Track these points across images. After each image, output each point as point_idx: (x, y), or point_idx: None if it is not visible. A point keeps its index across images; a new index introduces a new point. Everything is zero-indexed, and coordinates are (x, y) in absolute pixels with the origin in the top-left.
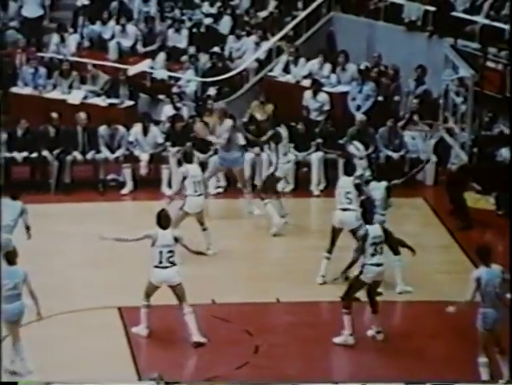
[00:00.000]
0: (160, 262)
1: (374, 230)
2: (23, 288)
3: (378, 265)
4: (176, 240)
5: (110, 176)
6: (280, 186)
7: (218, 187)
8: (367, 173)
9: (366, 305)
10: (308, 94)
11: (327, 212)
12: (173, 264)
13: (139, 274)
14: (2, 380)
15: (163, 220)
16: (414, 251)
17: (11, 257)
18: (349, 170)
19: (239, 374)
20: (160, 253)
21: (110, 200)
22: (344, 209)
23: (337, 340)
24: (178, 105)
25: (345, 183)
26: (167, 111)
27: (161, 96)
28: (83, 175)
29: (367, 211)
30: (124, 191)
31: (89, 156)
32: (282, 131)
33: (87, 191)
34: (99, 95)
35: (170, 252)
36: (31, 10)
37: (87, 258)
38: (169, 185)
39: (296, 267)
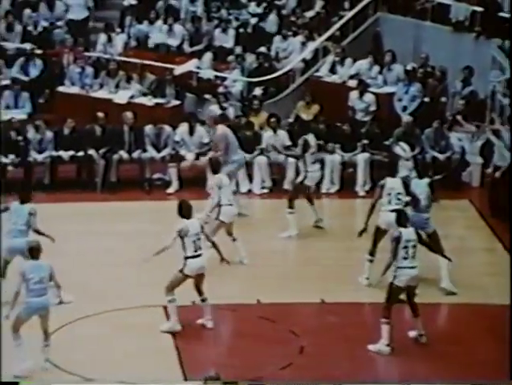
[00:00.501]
0: (195, 251)
1: (408, 233)
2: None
3: (410, 268)
4: (202, 227)
5: (156, 176)
6: (325, 187)
7: (263, 187)
8: (413, 174)
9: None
10: (354, 94)
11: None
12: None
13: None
14: (2, 380)
15: (185, 211)
16: (450, 260)
17: (35, 252)
18: (393, 171)
19: (284, 375)
20: (194, 242)
21: (155, 199)
22: (393, 211)
23: (372, 348)
24: (224, 105)
25: (395, 184)
26: (213, 110)
27: (207, 96)
28: (129, 174)
29: (402, 213)
30: (170, 190)
31: (135, 155)
32: (310, 139)
33: (133, 190)
34: (145, 95)
35: (199, 239)
36: (77, 13)
37: (132, 257)
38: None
39: (341, 268)
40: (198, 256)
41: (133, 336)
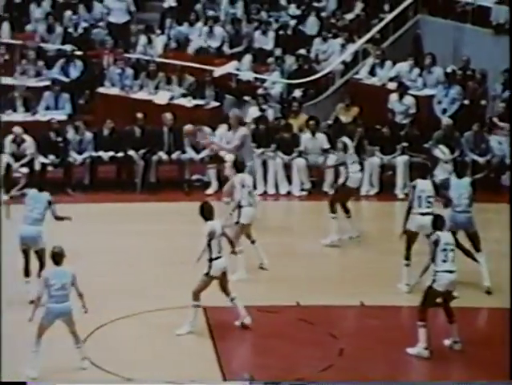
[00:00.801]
0: (219, 252)
1: (445, 237)
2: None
3: (450, 272)
4: (222, 228)
5: (195, 177)
6: (364, 189)
7: (303, 189)
8: (452, 177)
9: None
10: (394, 97)
11: None
12: None
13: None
14: (3, 380)
15: (207, 212)
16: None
17: (58, 258)
18: (425, 172)
19: (323, 377)
20: (218, 243)
21: (194, 200)
22: (424, 214)
23: (411, 351)
24: (263, 107)
25: (426, 186)
26: (252, 112)
27: (247, 98)
28: (169, 175)
29: (439, 217)
30: (209, 191)
31: (174, 156)
32: (347, 140)
33: (172, 191)
34: (185, 96)
35: (221, 240)
36: (118, 17)
37: (171, 257)
38: (254, 186)
39: (380, 271)
40: (221, 256)
41: (172, 336)
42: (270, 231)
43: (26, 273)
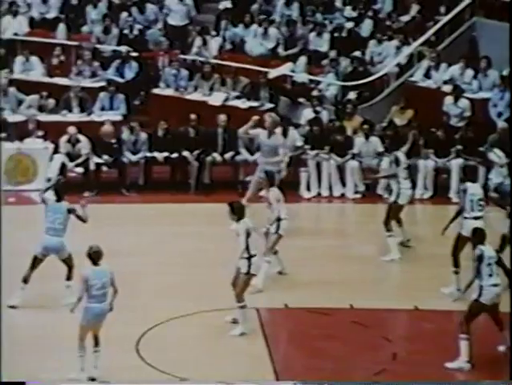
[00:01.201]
0: (256, 249)
1: (488, 250)
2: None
3: (495, 285)
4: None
5: (249, 178)
6: (418, 192)
7: (357, 192)
8: (507, 181)
9: None
10: (449, 100)
11: None
12: None
13: (273, 275)
14: (3, 380)
15: (238, 211)
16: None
17: (96, 257)
18: (474, 176)
19: (377, 380)
20: (254, 241)
21: (248, 201)
22: (476, 218)
23: (450, 365)
24: (318, 109)
25: (476, 190)
26: (306, 114)
27: (301, 99)
28: (223, 176)
29: (479, 230)
30: (263, 192)
31: (228, 156)
32: (401, 155)
33: (226, 192)
34: (239, 98)
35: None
36: (178, 19)
37: (225, 258)
38: (308, 188)
39: (434, 275)
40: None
41: (226, 337)
42: (324, 233)
43: (26, 279)
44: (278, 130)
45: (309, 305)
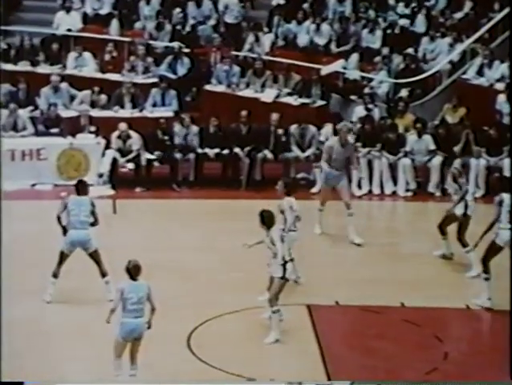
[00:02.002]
0: (290, 254)
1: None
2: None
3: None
4: None
5: (300, 175)
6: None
7: (408, 190)
8: None
9: None
10: (502, 97)
11: None
12: None
13: (324, 272)
14: (3, 380)
15: (268, 220)
16: None
17: (134, 271)
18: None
19: (428, 380)
20: (284, 247)
21: (299, 198)
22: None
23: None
24: (370, 106)
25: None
26: (358, 111)
27: (353, 97)
28: (274, 173)
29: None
30: (314, 190)
31: (280, 154)
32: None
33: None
34: (291, 95)
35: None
36: (233, 18)
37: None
38: (359, 186)
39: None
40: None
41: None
42: (375, 231)
43: (56, 274)
44: (351, 138)
45: (360, 303)
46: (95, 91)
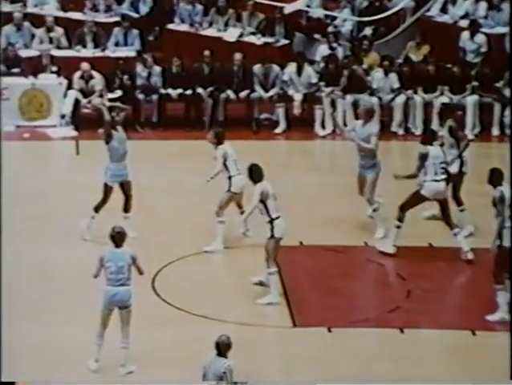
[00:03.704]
0: (277, 211)
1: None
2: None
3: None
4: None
5: (263, 115)
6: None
7: None
8: None
9: None
10: (465, 35)
11: (481, 157)
12: None
13: (288, 213)
14: (2, 380)
15: (256, 174)
16: None
17: (118, 239)
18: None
19: (390, 318)
20: (275, 202)
21: (263, 138)
22: (438, 180)
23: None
24: (333, 45)
25: (438, 153)
26: (322, 50)
27: (317, 35)
28: (237, 113)
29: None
30: (277, 130)
31: (243, 94)
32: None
33: (241, 129)
34: (254, 34)
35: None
36: None
37: None
38: (323, 126)
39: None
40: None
41: (241, 274)
42: (339, 171)
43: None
44: (375, 118)
45: (324, 243)
46: (50, 27)
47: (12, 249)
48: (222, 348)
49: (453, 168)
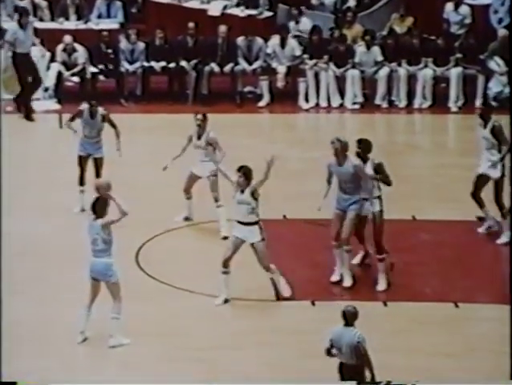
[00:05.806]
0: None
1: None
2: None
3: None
4: None
5: (247, 88)
6: (417, 102)
7: (355, 103)
8: (507, 90)
9: None
10: (449, 6)
11: (465, 129)
12: None
13: (271, 186)
14: (2, 380)
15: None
16: None
17: (99, 209)
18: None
19: (373, 291)
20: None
21: (247, 112)
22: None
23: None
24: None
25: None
26: (305, 23)
27: (301, 8)
28: (221, 86)
29: None
30: (261, 103)
31: (227, 67)
32: None
33: (225, 102)
34: (238, 5)
35: None
36: None
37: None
38: (306, 99)
39: (432, 185)
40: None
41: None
42: (322, 145)
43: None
44: (352, 156)
45: (307, 217)
46: None
47: None
48: (349, 317)
49: (496, 173)
